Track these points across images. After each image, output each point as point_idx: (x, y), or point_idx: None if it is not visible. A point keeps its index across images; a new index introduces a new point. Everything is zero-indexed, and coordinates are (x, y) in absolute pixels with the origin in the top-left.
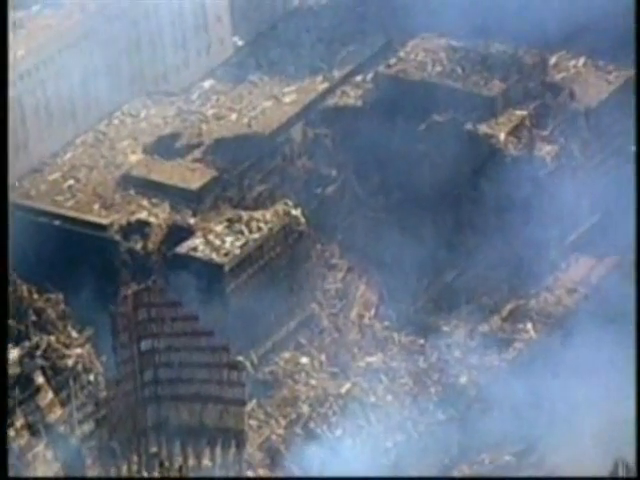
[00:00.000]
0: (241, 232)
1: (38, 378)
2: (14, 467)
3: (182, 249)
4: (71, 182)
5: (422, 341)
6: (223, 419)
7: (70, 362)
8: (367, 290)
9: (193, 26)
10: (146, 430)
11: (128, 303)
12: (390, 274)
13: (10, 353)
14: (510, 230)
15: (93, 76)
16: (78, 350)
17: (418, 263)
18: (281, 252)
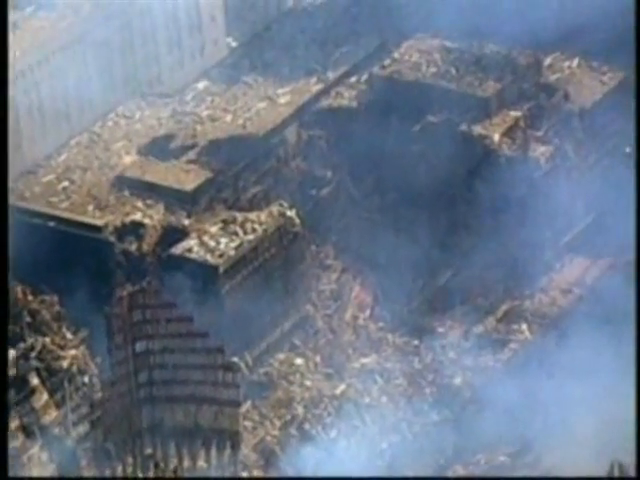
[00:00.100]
0: (236, 233)
1: (33, 380)
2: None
3: (177, 250)
4: (65, 183)
5: (417, 342)
6: (218, 420)
7: (65, 363)
8: (362, 291)
9: (187, 27)
10: (141, 431)
11: (123, 304)
12: (385, 275)
13: None
14: (505, 231)
15: (87, 78)
16: (73, 351)
17: (413, 264)
18: (276, 253)
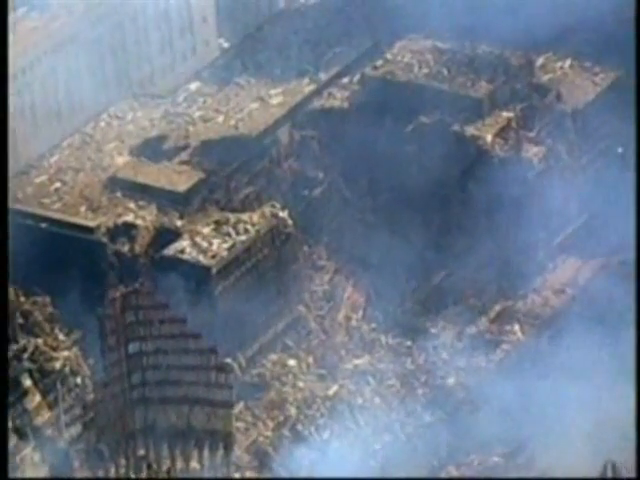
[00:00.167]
0: (228, 234)
1: (26, 381)
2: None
3: (169, 251)
4: (58, 185)
5: (410, 343)
6: (211, 421)
7: (58, 365)
8: (354, 292)
9: (178, 28)
10: (134, 432)
11: (116, 306)
12: (377, 276)
13: None
14: (498, 231)
15: (79, 78)
16: (65, 353)
17: (406, 265)
18: (268, 254)
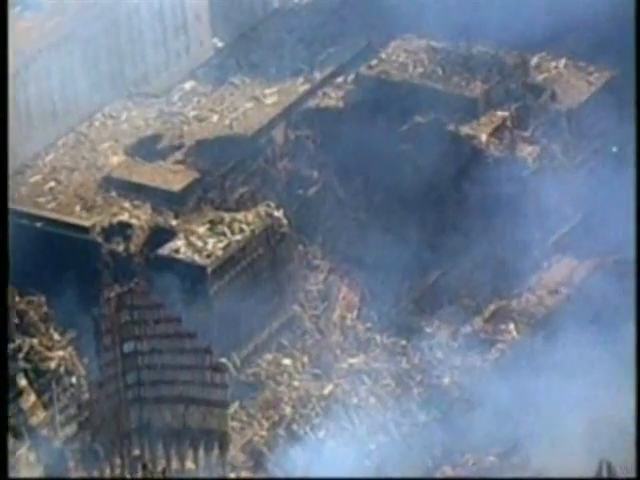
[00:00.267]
0: (223, 234)
1: (20, 381)
2: None
3: (164, 251)
4: (52, 184)
5: (404, 342)
6: (206, 421)
7: (53, 365)
8: (349, 291)
9: (172, 27)
10: (129, 432)
11: (111, 305)
12: (372, 275)
13: None
14: (493, 231)
15: (74, 78)
16: (60, 352)
17: (400, 264)
18: (263, 254)
